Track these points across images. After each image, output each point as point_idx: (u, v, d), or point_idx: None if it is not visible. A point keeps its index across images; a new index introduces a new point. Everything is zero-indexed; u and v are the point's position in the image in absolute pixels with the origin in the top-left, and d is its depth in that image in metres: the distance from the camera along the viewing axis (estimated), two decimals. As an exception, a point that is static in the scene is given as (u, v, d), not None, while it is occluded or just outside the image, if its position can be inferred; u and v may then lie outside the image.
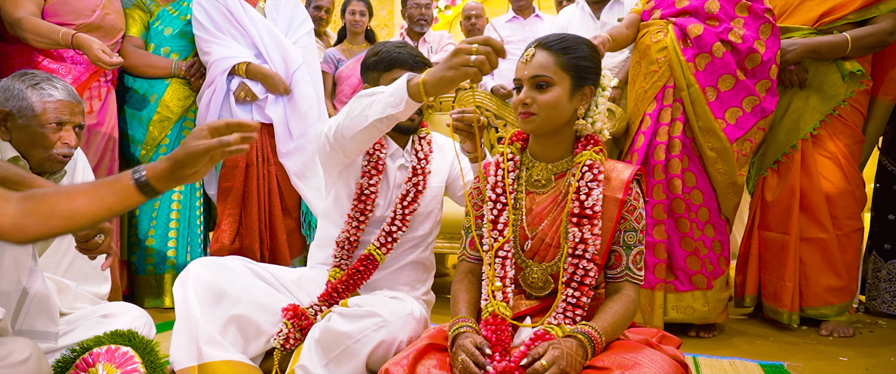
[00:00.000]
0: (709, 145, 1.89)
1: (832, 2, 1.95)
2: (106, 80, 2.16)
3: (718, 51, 1.87)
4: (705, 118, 1.88)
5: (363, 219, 1.56)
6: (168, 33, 2.33)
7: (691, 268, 1.93)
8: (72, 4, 2.05)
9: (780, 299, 2.03)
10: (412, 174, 1.58)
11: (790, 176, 2.02)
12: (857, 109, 1.99)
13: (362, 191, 1.55)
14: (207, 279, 1.33)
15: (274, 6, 2.39)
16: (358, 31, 3.22)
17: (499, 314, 1.16)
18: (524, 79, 1.19)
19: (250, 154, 2.29)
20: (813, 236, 2.00)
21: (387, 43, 1.61)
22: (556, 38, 1.21)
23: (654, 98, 1.95)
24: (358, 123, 1.33)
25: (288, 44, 2.34)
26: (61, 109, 1.38)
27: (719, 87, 1.89)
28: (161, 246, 2.29)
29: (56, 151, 1.37)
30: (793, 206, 2.01)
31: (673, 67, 1.91)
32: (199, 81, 2.34)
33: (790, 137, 2.03)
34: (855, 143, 2.01)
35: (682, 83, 1.90)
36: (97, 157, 2.11)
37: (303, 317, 1.39)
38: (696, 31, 1.89)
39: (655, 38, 1.96)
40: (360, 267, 1.52)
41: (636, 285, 1.21)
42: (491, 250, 1.23)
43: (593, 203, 1.16)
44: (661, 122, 1.93)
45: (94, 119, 2.11)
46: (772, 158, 2.09)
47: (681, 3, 1.95)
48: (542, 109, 1.17)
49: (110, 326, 1.31)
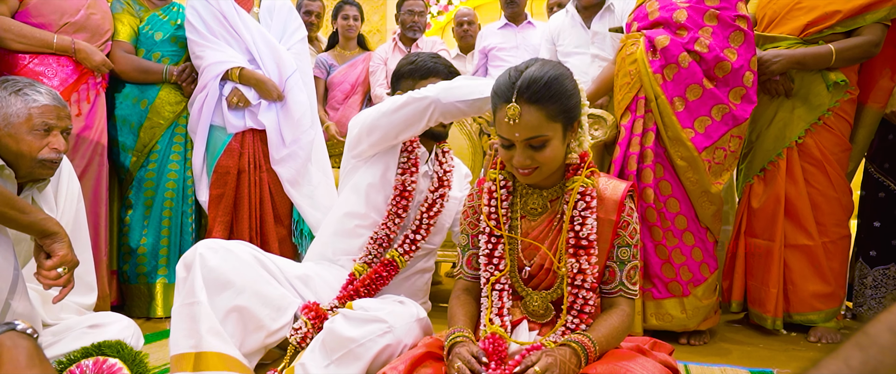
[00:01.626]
0: (678, 155, 1.90)
1: (817, 12, 1.97)
2: (95, 83, 2.13)
3: (684, 61, 1.88)
4: (673, 128, 1.89)
5: (404, 215, 1.59)
6: (158, 38, 2.31)
7: (667, 275, 1.94)
8: (55, 4, 2.02)
9: (764, 305, 2.06)
10: (439, 184, 1.63)
11: (776, 183, 2.05)
12: (842, 117, 2.02)
13: (404, 187, 1.58)
14: (214, 264, 1.31)
15: (268, 12, 2.38)
16: (350, 36, 3.22)
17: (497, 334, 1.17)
18: (516, 141, 1.12)
19: (242, 160, 2.27)
20: (799, 242, 2.02)
21: (421, 53, 1.67)
22: (540, 85, 1.10)
23: (627, 109, 1.97)
24: (469, 93, 1.40)
25: (282, 50, 2.33)
26: (48, 114, 1.36)
27: (687, 96, 1.90)
28: (152, 255, 2.26)
29: (44, 157, 1.35)
30: (778, 213, 2.03)
31: (643, 78, 1.93)
32: (190, 87, 2.32)
33: (776, 145, 2.06)
34: (841, 150, 2.04)
35: (651, 94, 1.92)
36: (85, 162, 2.08)
37: (323, 318, 1.39)
38: (664, 42, 1.91)
39: (629, 51, 1.99)
40: (382, 272, 1.55)
41: (631, 300, 1.23)
42: (488, 284, 1.23)
43: (588, 233, 1.17)
44: (635, 132, 1.95)
45: (83, 123, 2.08)
46: (758, 166, 2.11)
47: (653, 16, 1.98)
48: (542, 164, 1.14)
49: (98, 337, 1.30)
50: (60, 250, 1.21)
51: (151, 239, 2.26)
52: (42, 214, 1.23)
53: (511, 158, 1.16)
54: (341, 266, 1.61)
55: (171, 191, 2.29)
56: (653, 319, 1.96)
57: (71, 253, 1.23)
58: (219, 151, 2.27)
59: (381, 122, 1.50)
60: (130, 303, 2.28)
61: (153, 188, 2.28)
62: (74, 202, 1.53)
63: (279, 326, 1.37)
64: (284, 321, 1.38)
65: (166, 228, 2.29)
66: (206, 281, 1.29)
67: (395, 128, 1.50)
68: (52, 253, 1.21)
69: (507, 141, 1.15)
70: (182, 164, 2.34)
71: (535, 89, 1.10)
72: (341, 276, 1.58)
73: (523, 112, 1.10)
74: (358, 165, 1.63)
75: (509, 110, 1.10)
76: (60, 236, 1.22)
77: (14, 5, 1.98)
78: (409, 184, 1.58)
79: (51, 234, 1.22)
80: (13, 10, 1.98)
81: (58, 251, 1.21)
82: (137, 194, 2.28)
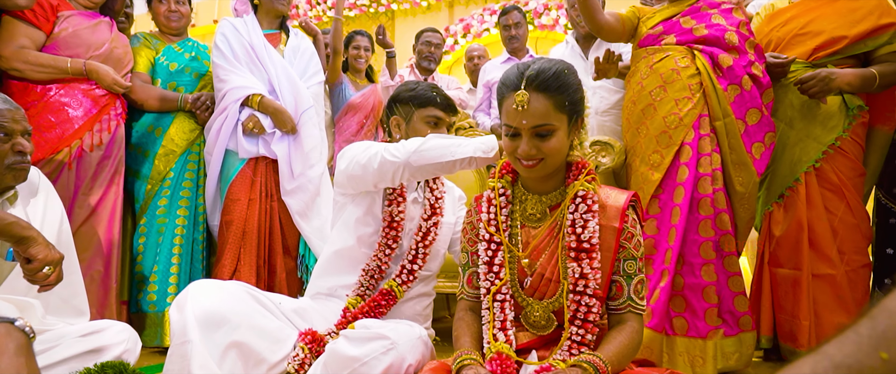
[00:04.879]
0: (740, 180, 1.84)
1: (824, 36, 1.97)
2: (116, 113, 2.20)
3: (747, 83, 1.85)
4: (738, 151, 1.83)
5: (394, 246, 1.58)
6: (173, 68, 2.39)
7: (739, 309, 1.83)
8: (83, 37, 2.12)
9: (796, 339, 1.93)
10: (431, 212, 1.62)
11: (796, 209, 1.98)
12: (856, 141, 1.98)
13: (393, 218, 1.58)
14: (207, 303, 1.29)
15: (293, 51, 2.47)
16: (360, 68, 3.29)
17: (503, 353, 1.14)
18: (523, 128, 1.12)
19: (254, 189, 2.30)
20: (822, 272, 1.94)
21: (420, 83, 1.70)
22: (548, 75, 1.12)
23: (691, 126, 1.87)
24: (440, 156, 1.41)
25: (301, 86, 2.40)
26: (4, 117, 1.38)
27: (747, 120, 1.86)
28: (163, 283, 2.27)
29: (10, 162, 1.36)
30: (802, 240, 1.95)
31: (708, 95, 1.86)
32: (204, 115, 2.37)
33: (793, 169, 2.01)
34: (857, 175, 1.99)
35: (718, 112, 1.85)
36: (102, 189, 2.12)
37: (320, 343, 1.37)
38: (727, 61, 1.85)
39: (682, 64, 1.90)
40: (381, 301, 1.53)
41: (639, 316, 1.18)
42: (489, 294, 1.20)
43: (590, 236, 1.14)
44: (702, 152, 1.85)
45: (103, 151, 2.13)
46: (776, 192, 2.06)
47: (699, 32, 1.91)
48: (547, 156, 1.14)
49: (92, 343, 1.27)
50: (39, 254, 1.20)
51: (162, 266, 2.27)
52: (11, 217, 1.22)
53: (515, 150, 1.15)
54: (338, 299, 1.60)
55: (183, 218, 2.32)
56: (723, 360, 1.80)
57: (50, 252, 1.22)
58: (231, 176, 2.30)
59: (357, 172, 1.52)
60: (140, 331, 2.27)
61: (165, 215, 2.30)
62: (56, 224, 1.50)
63: (280, 358, 1.35)
64: (285, 353, 1.36)
65: (177, 255, 2.30)
66: (199, 320, 1.27)
67: (369, 180, 1.52)
68: (31, 258, 1.20)
69: (512, 129, 1.14)
70: (194, 191, 2.37)
71: (543, 79, 1.12)
72: (337, 309, 1.57)
73: (531, 99, 1.11)
74: (346, 203, 1.63)
75: (518, 97, 1.11)
76: (34, 240, 1.21)
77: (39, 41, 2.07)
78: (397, 215, 1.57)
79: (24, 239, 1.21)
80: (39, 44, 2.07)
81: (37, 255, 1.20)
82: (151, 221, 2.30)
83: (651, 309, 1.82)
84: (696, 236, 1.85)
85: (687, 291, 1.86)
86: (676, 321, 1.86)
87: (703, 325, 1.82)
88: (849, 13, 1.97)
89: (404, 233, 1.61)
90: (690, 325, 1.85)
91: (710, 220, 1.85)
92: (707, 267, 1.84)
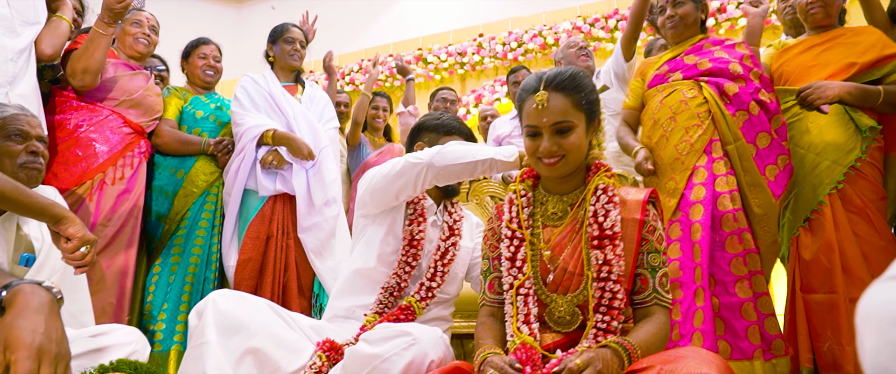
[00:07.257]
0: (756, 202, 1.84)
1: (834, 67, 2.03)
2: (140, 151, 2.27)
3: (754, 109, 1.90)
4: (752, 173, 1.85)
5: (414, 264, 1.58)
6: (199, 116, 2.50)
7: (770, 332, 1.76)
8: (121, 83, 2.27)
9: (841, 367, 1.82)
10: (449, 233, 1.64)
11: (824, 231, 1.94)
12: (874, 165, 1.98)
13: (413, 236, 1.59)
14: (226, 308, 1.30)
15: (309, 99, 2.57)
16: (378, 127, 3.39)
17: (527, 343, 1.11)
18: (544, 126, 1.16)
19: (272, 226, 2.30)
20: (854, 296, 1.85)
21: (444, 113, 1.77)
22: (565, 76, 1.18)
23: (702, 151, 1.91)
24: (462, 156, 1.44)
25: (319, 127, 2.48)
26: (19, 121, 1.46)
27: (758, 143, 1.89)
28: (171, 320, 2.22)
29: (22, 161, 1.42)
30: (834, 262, 1.89)
31: (717, 121, 1.90)
32: (225, 158, 2.43)
33: (816, 192, 1.99)
34: (878, 198, 1.97)
35: (729, 137, 1.89)
36: (120, 223, 2.13)
37: (338, 351, 1.35)
38: (733, 89, 1.91)
39: (690, 94, 1.96)
40: (400, 316, 1.50)
41: (666, 309, 1.16)
42: (512, 289, 1.19)
43: (612, 224, 1.14)
44: (718, 173, 1.87)
45: (124, 186, 2.17)
46: (801, 216, 2.03)
47: (703, 66, 1.98)
48: (568, 152, 1.16)
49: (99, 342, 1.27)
50: (77, 232, 1.23)
51: (171, 305, 2.23)
52: (47, 199, 1.27)
53: (537, 149, 1.17)
54: (356, 320, 1.58)
55: (196, 257, 2.31)
56: None
57: (87, 232, 1.26)
58: (251, 215, 2.32)
59: (381, 183, 1.55)
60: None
61: (179, 255, 2.30)
62: None
63: (296, 368, 1.32)
64: (301, 363, 1.33)
65: (187, 294, 2.26)
66: (217, 325, 1.28)
67: (393, 190, 1.54)
68: (69, 237, 1.24)
69: (533, 129, 1.18)
70: (209, 230, 2.38)
71: (560, 79, 1.17)
72: (354, 330, 1.53)
73: (550, 98, 1.16)
74: (367, 225, 1.65)
75: (538, 97, 1.16)
76: (71, 219, 1.25)
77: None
78: (418, 233, 1.59)
79: (63, 219, 1.25)
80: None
81: (74, 233, 1.23)
82: (165, 260, 2.29)
83: (701, 332, 1.74)
84: (725, 253, 1.82)
85: (724, 311, 1.79)
86: (719, 344, 1.77)
87: (747, 344, 1.75)
88: (853, 46, 2.06)
89: (424, 254, 1.61)
90: (733, 347, 1.76)
91: (735, 236, 1.82)
92: (740, 284, 1.79)
